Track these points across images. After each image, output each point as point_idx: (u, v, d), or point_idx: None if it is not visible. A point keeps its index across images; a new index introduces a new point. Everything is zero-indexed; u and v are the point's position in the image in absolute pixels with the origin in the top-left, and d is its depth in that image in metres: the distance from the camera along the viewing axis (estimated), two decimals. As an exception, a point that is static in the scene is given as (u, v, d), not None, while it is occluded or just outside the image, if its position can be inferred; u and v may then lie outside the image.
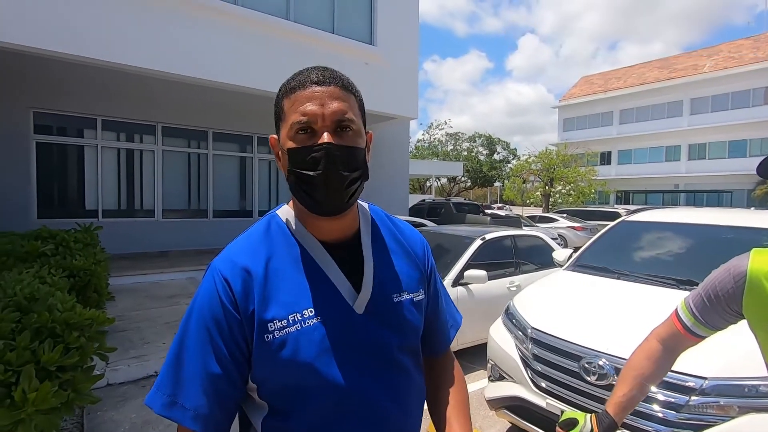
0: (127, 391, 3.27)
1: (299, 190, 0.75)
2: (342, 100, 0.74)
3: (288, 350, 0.72)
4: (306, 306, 0.75)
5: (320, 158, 0.71)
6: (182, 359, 0.73)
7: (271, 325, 0.72)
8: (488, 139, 40.09)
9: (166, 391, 0.73)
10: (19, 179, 7.09)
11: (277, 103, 0.79)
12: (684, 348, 1.14)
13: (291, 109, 0.74)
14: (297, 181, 0.74)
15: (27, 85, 7.00)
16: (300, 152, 0.73)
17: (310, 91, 0.73)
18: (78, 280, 3.37)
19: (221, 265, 0.76)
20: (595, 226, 14.25)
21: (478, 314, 4.11)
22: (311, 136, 0.73)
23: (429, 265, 0.95)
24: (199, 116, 8.83)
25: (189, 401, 0.71)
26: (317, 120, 0.72)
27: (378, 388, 0.79)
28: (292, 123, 0.73)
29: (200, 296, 0.75)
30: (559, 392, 2.22)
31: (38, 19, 5.11)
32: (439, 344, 0.98)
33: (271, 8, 7.12)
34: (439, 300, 0.98)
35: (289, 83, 0.76)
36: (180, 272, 6.90)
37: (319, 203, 0.74)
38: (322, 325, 0.75)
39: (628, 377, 1.15)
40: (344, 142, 0.73)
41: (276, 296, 0.74)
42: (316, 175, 0.72)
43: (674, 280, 2.61)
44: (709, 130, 28.82)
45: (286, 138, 0.75)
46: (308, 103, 0.73)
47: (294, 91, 0.75)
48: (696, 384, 1.81)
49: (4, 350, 1.73)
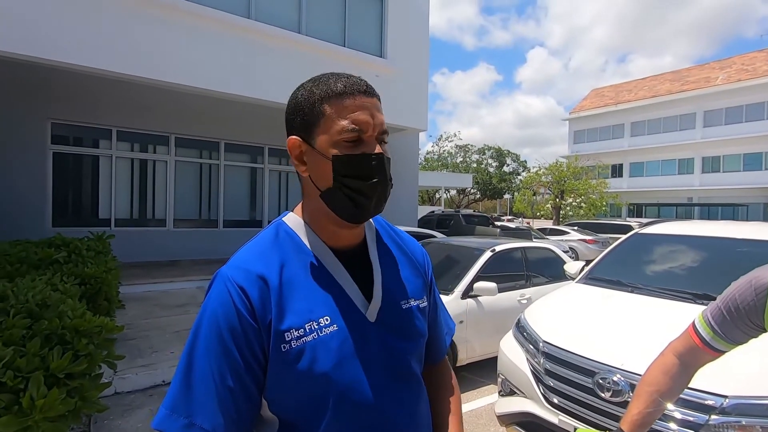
0: (135, 400, 3.27)
1: (342, 198, 0.73)
2: (382, 113, 0.76)
3: (305, 360, 0.70)
4: (322, 314, 0.73)
5: (376, 168, 0.72)
6: (195, 375, 0.68)
7: (288, 334, 0.70)
8: (498, 151, 40.07)
9: (180, 411, 0.67)
10: (35, 188, 7.24)
11: (310, 105, 0.74)
12: (702, 363, 1.10)
13: (338, 114, 0.72)
14: (342, 188, 0.73)
15: (46, 96, 7.19)
16: (353, 160, 0.72)
17: (360, 100, 0.73)
18: (89, 288, 3.39)
19: (234, 274, 0.72)
20: (607, 239, 14.07)
21: (488, 327, 4.05)
22: (357, 144, 0.72)
23: (429, 273, 0.95)
24: (212, 127, 8.96)
25: (207, 422, 0.66)
26: (368, 129, 0.73)
27: (393, 399, 0.77)
28: (341, 129, 0.71)
29: (211, 306, 0.70)
30: (572, 408, 2.16)
31: (57, 33, 5.26)
32: (437, 352, 0.97)
33: (284, 22, 7.25)
34: (438, 307, 0.98)
35: (332, 87, 0.73)
36: (190, 281, 6.93)
37: (364, 211, 0.74)
38: (339, 334, 0.73)
39: (643, 393, 1.11)
40: (387, 153, 0.76)
41: (291, 305, 0.72)
42: (372, 184, 0.72)
43: (690, 294, 2.54)
44: (723, 143, 28.44)
45: (328, 144, 0.72)
46: (359, 112, 0.72)
47: (341, 97, 0.73)
48: (716, 402, 1.74)
49: (14, 356, 1.74)
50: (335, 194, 0.74)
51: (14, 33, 4.99)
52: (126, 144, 8.28)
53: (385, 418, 0.75)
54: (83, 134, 7.85)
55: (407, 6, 8.84)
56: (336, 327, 0.73)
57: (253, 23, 6.83)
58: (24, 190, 7.06)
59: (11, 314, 2.00)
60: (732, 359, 1.14)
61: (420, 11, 9.22)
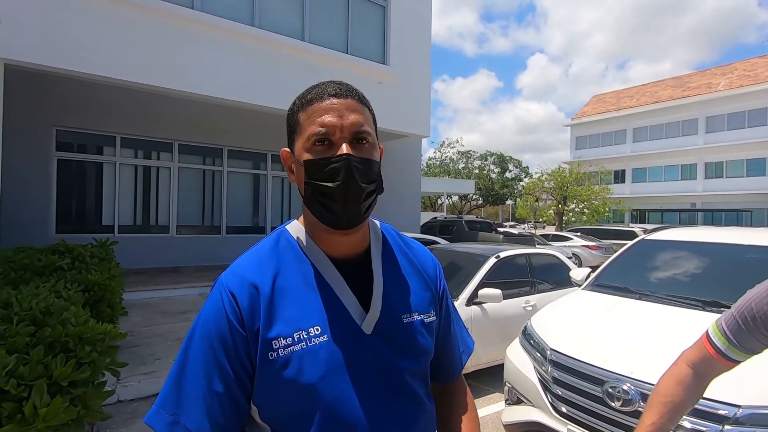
0: (137, 408, 3.24)
1: (315, 203, 0.73)
2: (359, 113, 0.74)
3: (292, 370, 0.69)
4: (312, 324, 0.72)
5: (339, 169, 0.70)
6: (185, 377, 0.70)
7: (275, 342, 0.69)
8: (500, 157, 40.09)
9: (168, 409, 0.69)
10: (40, 194, 7.27)
11: (291, 116, 0.78)
12: (717, 373, 1.07)
13: (308, 120, 0.74)
14: (314, 193, 0.73)
15: (51, 103, 7.24)
16: (318, 163, 0.71)
17: (328, 103, 0.73)
18: (92, 295, 3.38)
19: (228, 280, 0.73)
20: (610, 245, 14.02)
21: (493, 334, 4.02)
22: (329, 147, 0.72)
23: (441, 286, 0.91)
24: (215, 134, 9.00)
25: (191, 422, 0.68)
26: (335, 131, 0.72)
27: (386, 417, 0.74)
28: (309, 134, 0.72)
29: (206, 311, 0.72)
30: (580, 418, 2.12)
31: (62, 42, 5.30)
32: (451, 371, 0.94)
33: (287, 29, 7.30)
34: (452, 323, 0.94)
35: (305, 96, 0.76)
36: (192, 288, 6.92)
37: (336, 215, 0.72)
38: (329, 345, 0.71)
39: (657, 404, 1.09)
40: (362, 154, 0.73)
41: (282, 313, 0.71)
42: (336, 186, 0.70)
43: (699, 302, 2.51)
44: (726, 149, 28.40)
45: (302, 150, 0.74)
46: (326, 115, 0.72)
47: (311, 104, 0.74)
48: (729, 412, 1.71)
49: (17, 364, 1.72)
50: (309, 199, 0.74)
51: (21, 42, 5.03)
52: (130, 151, 8.32)
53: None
54: (87, 141, 7.89)
55: (409, 13, 8.90)
56: (326, 337, 0.71)
57: (256, 31, 6.88)
58: (29, 197, 7.09)
59: (15, 322, 1.99)
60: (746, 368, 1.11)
61: (422, 18, 9.27)
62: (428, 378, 0.86)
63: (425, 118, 9.35)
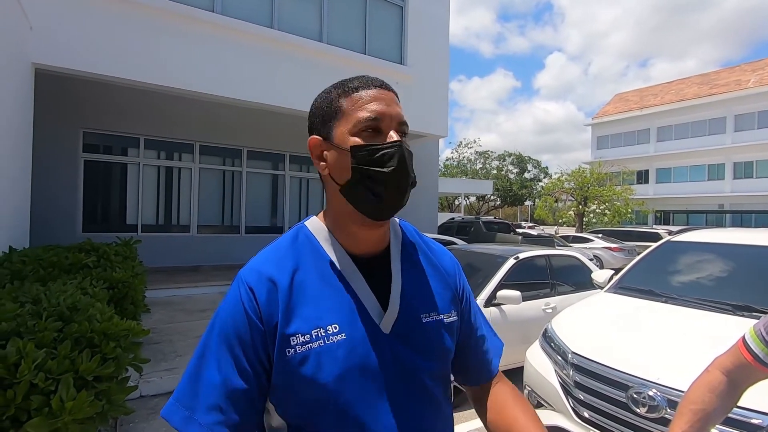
0: (159, 404, 3.31)
1: (362, 189, 0.72)
2: (400, 106, 0.76)
3: (309, 367, 0.68)
4: (331, 321, 0.71)
5: (393, 155, 0.70)
6: (202, 372, 0.70)
7: (293, 339, 0.68)
8: (518, 158, 39.58)
9: (184, 403, 0.69)
10: (67, 194, 7.51)
11: (327, 104, 0.76)
12: (753, 381, 1.02)
13: (354, 107, 0.73)
14: (362, 178, 0.71)
15: (78, 106, 7.48)
16: (370, 149, 0.71)
17: (375, 92, 0.74)
18: (117, 292, 3.46)
19: (247, 275, 0.73)
20: (633, 247, 13.66)
21: (512, 337, 3.95)
22: (376, 135, 0.72)
23: (461, 285, 0.90)
24: (235, 135, 9.14)
25: (206, 418, 0.67)
26: (385, 119, 0.72)
27: (403, 418, 0.72)
28: (358, 120, 0.72)
29: (224, 306, 0.72)
30: (604, 424, 2.07)
31: (89, 46, 5.47)
32: (485, 372, 0.90)
33: (305, 31, 7.37)
34: (477, 322, 0.91)
35: (348, 84, 0.75)
36: (212, 286, 7.04)
37: (382, 202, 0.72)
38: (347, 343, 0.70)
39: (687, 411, 1.04)
40: (405, 144, 0.74)
41: (300, 309, 0.70)
42: (390, 172, 0.70)
43: (729, 306, 2.42)
44: (756, 148, 27.37)
45: (346, 135, 0.72)
46: (374, 102, 0.73)
47: (356, 91, 0.74)
48: (763, 421, 1.63)
49: (45, 359, 1.78)
50: (355, 186, 0.72)
51: (50, 47, 5.21)
52: (153, 152, 8.52)
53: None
54: (113, 143, 8.12)
55: (427, 14, 8.86)
56: (344, 336, 0.70)
57: (275, 33, 6.97)
58: (57, 197, 7.34)
59: (44, 317, 2.05)
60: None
61: (440, 18, 9.23)
62: (448, 380, 0.84)
63: (443, 118, 9.30)
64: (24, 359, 1.71)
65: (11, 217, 4.47)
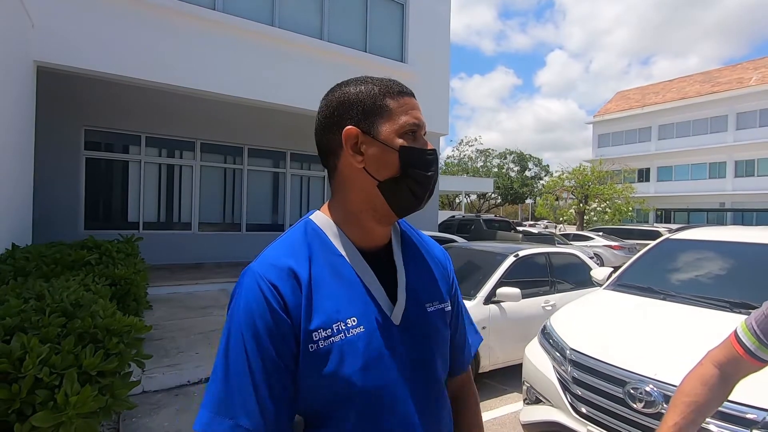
0: (161, 399, 3.34)
1: (404, 188, 0.76)
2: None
3: (333, 361, 0.69)
4: (349, 315, 0.72)
5: (433, 161, 0.79)
6: (232, 376, 0.67)
7: (315, 334, 0.69)
8: (520, 156, 39.55)
9: (225, 413, 0.66)
10: (69, 192, 7.53)
11: (372, 98, 0.76)
12: (744, 374, 1.04)
13: (401, 109, 0.77)
14: (406, 178, 0.76)
15: (80, 104, 7.49)
16: (419, 153, 0.77)
17: (414, 101, 0.80)
18: (119, 289, 3.49)
19: (265, 271, 0.71)
20: (634, 245, 13.66)
21: (511, 334, 3.98)
22: (414, 140, 0.78)
23: (452, 276, 0.94)
24: (235, 133, 9.16)
25: (251, 422, 0.66)
26: (423, 127, 0.79)
27: (418, 404, 0.76)
28: (405, 123, 0.76)
29: (244, 304, 0.69)
30: (600, 419, 2.09)
31: (90, 43, 5.49)
32: (460, 363, 0.95)
33: (306, 29, 7.37)
34: (461, 316, 0.95)
35: (391, 86, 0.79)
36: (213, 284, 7.07)
37: (419, 201, 0.79)
38: (366, 335, 0.72)
39: (680, 404, 1.06)
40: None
41: (319, 303, 0.71)
42: (431, 176, 0.78)
43: (727, 303, 2.44)
44: (758, 146, 27.29)
45: (393, 135, 0.76)
46: (416, 110, 0.79)
47: (402, 96, 0.79)
48: (757, 417, 1.66)
49: (50, 353, 1.80)
50: (398, 184, 0.75)
51: (51, 44, 5.23)
52: (154, 150, 8.54)
53: (410, 423, 0.74)
54: (114, 140, 8.14)
55: (428, 11, 8.86)
56: (363, 328, 0.72)
57: (276, 31, 6.97)
58: (59, 194, 7.36)
59: (47, 313, 2.08)
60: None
61: (441, 16, 9.22)
62: (447, 367, 0.87)
63: (444, 116, 9.30)
64: (29, 354, 1.74)
65: (14, 215, 4.50)
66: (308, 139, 9.42)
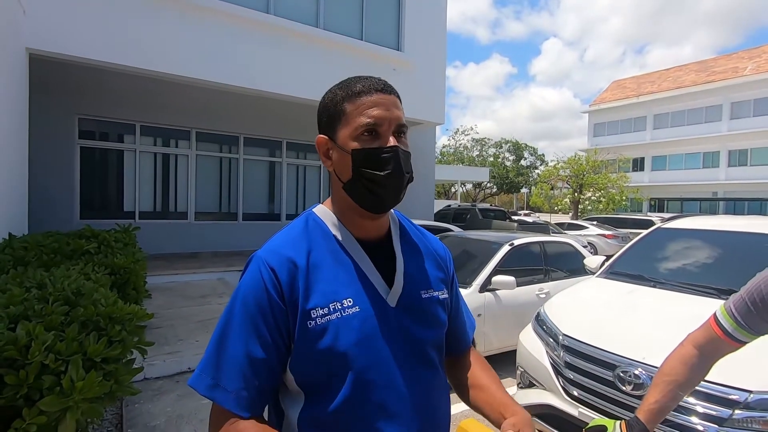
0: (163, 386, 3.39)
1: (361, 189, 0.80)
2: (400, 109, 0.82)
3: (329, 337, 0.76)
4: (345, 296, 0.79)
5: (390, 159, 0.78)
6: (225, 345, 0.77)
7: (313, 312, 0.76)
8: (515, 145, 39.55)
9: (209, 373, 0.77)
10: (64, 181, 7.49)
11: (332, 105, 0.82)
12: (722, 354, 1.10)
13: (356, 111, 0.79)
14: (360, 179, 0.79)
15: (74, 92, 7.40)
16: (368, 153, 0.78)
17: (377, 97, 0.79)
18: (119, 278, 3.51)
19: (267, 256, 0.80)
20: (627, 234, 13.81)
21: (506, 321, 4.06)
22: (375, 138, 0.79)
23: (451, 270, 1.01)
24: (232, 122, 9.10)
25: (231, 384, 0.75)
26: (384, 123, 0.79)
27: (409, 380, 0.82)
28: (358, 125, 0.78)
29: (245, 285, 0.79)
30: (592, 401, 2.17)
31: (83, 31, 5.41)
32: (462, 342, 1.03)
33: (302, 16, 7.29)
34: (460, 303, 1.04)
35: (351, 88, 0.81)
36: (210, 273, 7.10)
37: (381, 200, 0.80)
38: (361, 315, 0.79)
39: (660, 383, 1.12)
40: (402, 146, 0.81)
41: (318, 286, 0.78)
42: (386, 175, 0.78)
43: (715, 290, 2.51)
44: (752, 135, 27.46)
45: (347, 138, 0.80)
46: (375, 108, 0.79)
47: (359, 96, 0.80)
48: (740, 397, 1.73)
49: (55, 340, 1.84)
50: (354, 185, 0.80)
51: (44, 32, 5.15)
52: (149, 138, 8.48)
53: (401, 396, 0.81)
54: (109, 129, 8.06)
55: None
56: (358, 308, 0.79)
57: (270, 18, 6.89)
58: (54, 183, 7.31)
59: (50, 301, 2.11)
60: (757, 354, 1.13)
61: (437, 4, 9.14)
62: (443, 348, 0.95)
63: (440, 105, 9.28)
64: (34, 341, 1.77)
65: (9, 204, 4.48)
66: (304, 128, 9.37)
